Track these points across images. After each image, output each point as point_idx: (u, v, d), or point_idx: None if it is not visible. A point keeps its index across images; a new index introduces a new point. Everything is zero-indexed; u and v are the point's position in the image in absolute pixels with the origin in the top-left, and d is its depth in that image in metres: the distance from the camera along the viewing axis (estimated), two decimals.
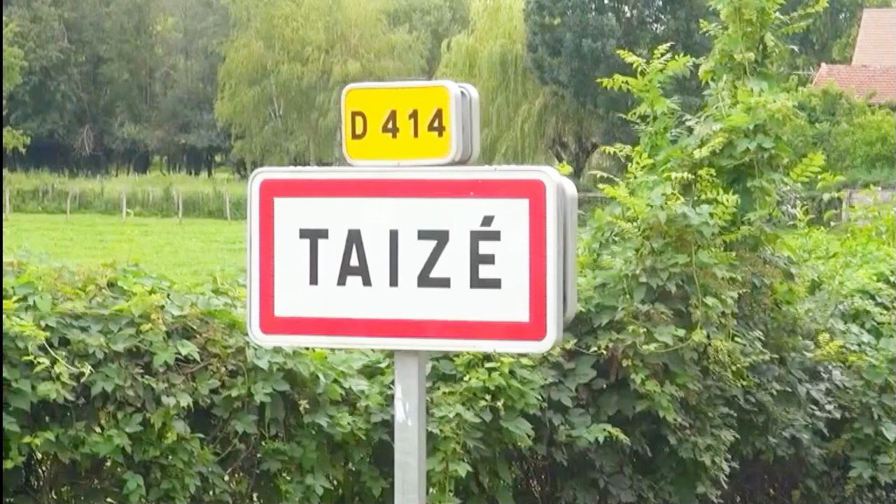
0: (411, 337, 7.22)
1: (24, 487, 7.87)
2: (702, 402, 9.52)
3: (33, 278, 8.05)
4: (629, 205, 9.78)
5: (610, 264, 9.73)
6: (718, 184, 10.02)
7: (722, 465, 9.68)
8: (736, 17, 10.73)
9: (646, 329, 9.32)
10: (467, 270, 7.01)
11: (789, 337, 10.47)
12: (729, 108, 10.37)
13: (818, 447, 10.37)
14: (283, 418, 8.29)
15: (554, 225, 6.62)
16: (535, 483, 9.25)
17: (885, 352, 11.24)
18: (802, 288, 10.96)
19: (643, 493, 9.35)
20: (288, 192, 7.45)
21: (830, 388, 10.53)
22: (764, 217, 10.37)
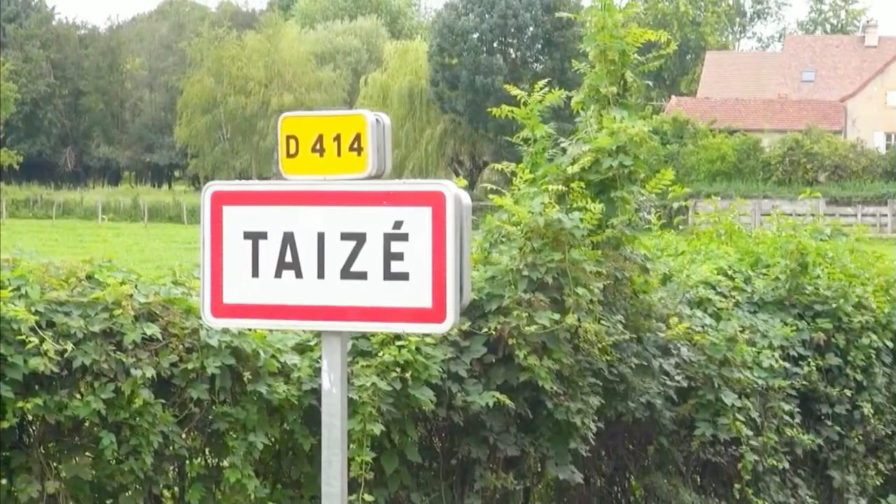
0: (335, 320, 7.65)
1: (18, 444, 8.09)
2: (573, 374, 9.98)
3: (25, 272, 8.35)
4: (514, 212, 10.33)
5: (498, 261, 10.20)
6: (587, 195, 10.56)
7: (590, 425, 10.17)
8: (601, 58, 11.19)
9: (527, 314, 9.81)
10: (381, 266, 7.46)
11: (645, 320, 10.96)
12: (596, 133, 10.87)
13: (669, 410, 10.86)
14: (230, 387, 8.67)
15: (452, 228, 7.12)
16: (437, 440, 9.61)
17: (723, 332, 11.64)
18: (656, 280, 11.47)
19: (525, 448, 9.84)
20: (234, 201, 7.78)
21: (679, 363, 10.99)
22: (624, 222, 10.90)
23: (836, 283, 13.20)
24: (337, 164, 7.70)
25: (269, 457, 8.83)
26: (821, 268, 13.27)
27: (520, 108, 11.24)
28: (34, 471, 8.00)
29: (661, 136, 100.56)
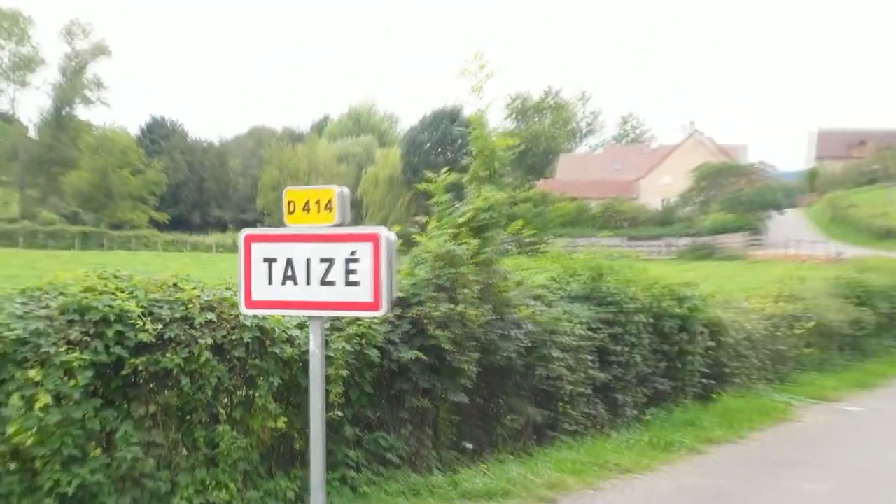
0: (317, 310, 7.96)
1: (133, 384, 7.91)
2: (462, 340, 9.94)
3: (137, 283, 8.26)
4: (427, 245, 10.20)
5: (418, 273, 10.14)
6: (469, 234, 10.46)
7: (472, 370, 10.10)
8: (479, 155, 11.12)
9: (435, 305, 9.73)
10: (343, 277, 7.90)
11: (505, 307, 10.96)
12: (475, 198, 10.75)
13: (520, 360, 10.75)
14: (258, 349, 8.59)
15: (384, 255, 7.65)
16: (382, 379, 9.49)
17: (551, 314, 11.65)
18: (512, 283, 11.44)
19: (434, 384, 9.84)
20: (258, 240, 8.15)
21: (526, 332, 10.97)
22: (493, 250, 10.83)
23: (619, 285, 13.29)
24: (317, 217, 8.08)
25: (282, 390, 8.71)
26: (610, 276, 13.36)
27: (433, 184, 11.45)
28: (142, 399, 7.92)
29: (533, 202, 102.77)
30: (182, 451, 8.25)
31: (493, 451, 10.97)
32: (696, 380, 15.11)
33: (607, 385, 12.89)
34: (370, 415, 9.78)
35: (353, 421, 9.48)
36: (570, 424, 12.13)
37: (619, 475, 10.45)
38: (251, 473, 8.68)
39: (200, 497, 8.08)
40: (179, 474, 8.11)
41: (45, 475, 7.42)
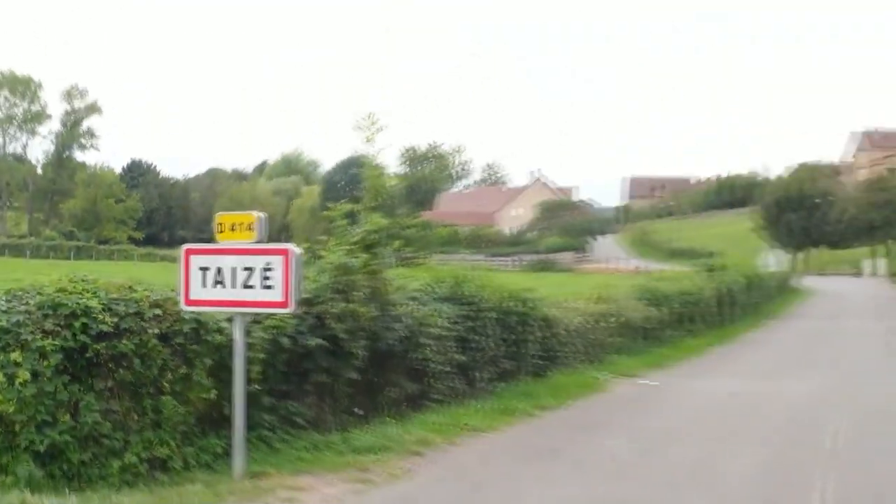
0: (240, 307, 8.31)
1: (96, 363, 7.94)
2: (355, 330, 10.24)
3: (100, 284, 8.37)
4: (328, 258, 10.36)
5: (321, 279, 10.39)
6: (361, 250, 10.63)
7: (362, 354, 10.31)
8: (370, 190, 11.36)
9: (333, 303, 9.95)
10: (261, 282, 8.14)
11: (389, 306, 11.10)
12: (366, 223, 10.96)
13: (399, 346, 11.00)
14: (195, 337, 8.52)
15: (293, 265, 8.00)
16: (293, 362, 9.58)
17: (425, 310, 12.02)
18: (394, 288, 11.53)
19: (333, 364, 10.03)
20: (195, 252, 8.62)
21: (404, 325, 11.17)
22: (378, 262, 10.98)
23: (475, 289, 13.56)
24: (241, 236, 8.31)
25: (213, 369, 8.60)
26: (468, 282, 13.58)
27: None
28: (102, 376, 7.89)
29: (418, 227, 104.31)
30: (133, 417, 8.20)
31: (378, 415, 11.08)
32: (533, 361, 15.47)
33: (465, 365, 13.07)
34: (283, 388, 9.79)
35: (269, 392, 9.47)
36: (437, 395, 12.33)
37: (471, 433, 10.79)
38: (188, 433, 8.67)
39: (147, 452, 8.11)
40: (131, 435, 8.12)
41: (23, 436, 7.54)
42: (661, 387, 16.54)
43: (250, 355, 8.91)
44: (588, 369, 17.28)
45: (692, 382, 17.38)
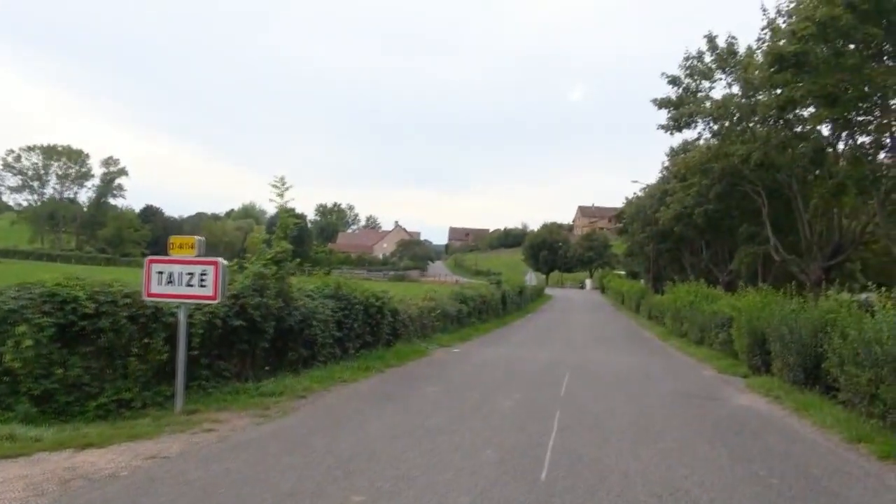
0: (183, 300, 7.47)
1: (80, 335, 7.10)
2: (267, 316, 9.53)
3: (87, 283, 7.40)
4: (250, 268, 9.67)
5: (245, 282, 9.54)
6: (272, 263, 9.95)
7: (270, 331, 9.69)
8: (281, 226, 10.71)
9: (252, 298, 9.31)
10: (199, 283, 7.29)
11: (291, 300, 10.43)
12: (276, 247, 10.28)
13: (297, 326, 10.33)
14: (154, 318, 7.73)
15: (221, 271, 6.93)
16: (225, 335, 8.79)
17: (317, 302, 11.30)
18: (294, 288, 10.88)
19: (252, 339, 9.24)
20: (155, 262, 7.65)
21: (301, 313, 10.54)
22: (285, 272, 10.27)
23: (349, 290, 12.94)
24: (187, 252, 7.50)
25: (167, 339, 7.81)
26: (344, 286, 12.97)
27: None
28: (85, 343, 7.14)
29: (325, 252, 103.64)
30: (107, 372, 7.46)
31: (282, 371, 10.42)
32: (386, 337, 14.87)
33: (341, 339, 12.45)
34: (216, 352, 9.06)
35: (207, 355, 8.73)
36: (322, 358, 11.58)
37: (341, 384, 10.17)
38: (147, 383, 7.94)
39: (116, 396, 7.40)
40: (105, 383, 7.37)
41: (24, 384, 6.82)
42: (462, 353, 16.24)
43: (192, 331, 8.34)
44: (421, 342, 16.84)
45: (482, 349, 17.16)
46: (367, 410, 8.04)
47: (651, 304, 33.43)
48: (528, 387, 10.64)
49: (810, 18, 15.49)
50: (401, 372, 12.09)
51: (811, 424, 8.04)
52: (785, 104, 19.74)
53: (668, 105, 25.17)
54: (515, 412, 8.18)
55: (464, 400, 8.99)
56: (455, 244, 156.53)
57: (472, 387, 10.40)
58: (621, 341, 22.22)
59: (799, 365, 10.38)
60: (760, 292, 14.63)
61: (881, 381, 7.42)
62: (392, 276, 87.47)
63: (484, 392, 9.80)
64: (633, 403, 9.14)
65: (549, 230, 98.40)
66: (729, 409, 9.12)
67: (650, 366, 14.62)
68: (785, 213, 28.40)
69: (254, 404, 8.20)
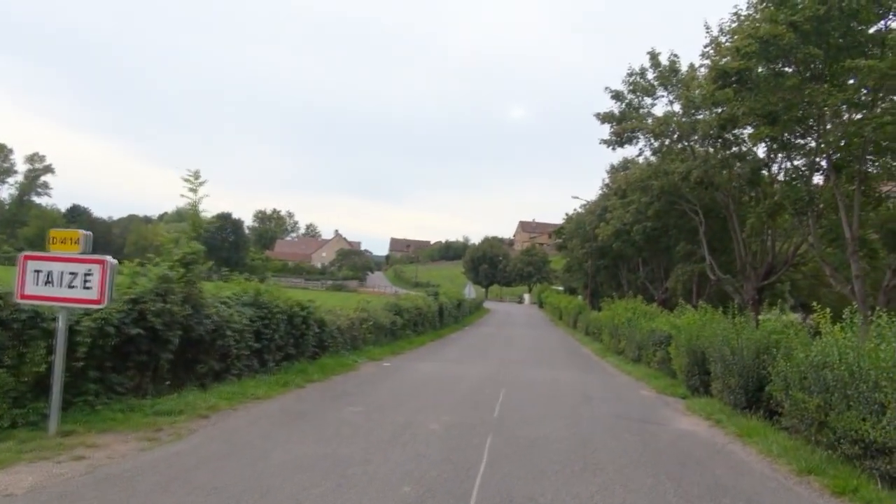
0: (65, 303, 6.57)
1: None
2: (171, 323, 8.47)
3: None
4: (154, 270, 8.65)
5: (147, 285, 8.50)
6: (180, 266, 8.97)
7: (176, 341, 8.58)
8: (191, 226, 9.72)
9: (153, 303, 8.31)
10: (83, 284, 6.42)
11: (201, 307, 9.45)
12: (185, 247, 9.25)
13: (208, 336, 9.25)
14: (32, 323, 6.68)
15: (108, 272, 6.31)
16: (120, 344, 7.73)
17: (234, 309, 10.21)
18: (206, 294, 9.83)
19: (152, 348, 8.24)
20: (31, 258, 6.49)
21: (213, 321, 9.48)
22: (194, 276, 9.30)
23: (270, 298, 11.96)
24: (69, 248, 6.50)
25: (49, 348, 6.83)
26: (265, 293, 11.97)
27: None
28: None
29: (262, 259, 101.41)
30: None
31: (190, 385, 9.38)
32: (312, 349, 13.90)
33: (260, 350, 11.47)
34: (109, 363, 7.98)
35: (97, 367, 7.64)
36: (237, 371, 10.58)
37: (252, 401, 9.10)
38: (19, 398, 6.83)
39: None
40: None
41: None
42: (393, 367, 15.32)
43: (79, 339, 7.23)
44: (350, 355, 15.87)
45: (414, 364, 16.29)
46: (274, 434, 7.06)
47: (589, 320, 33.32)
48: (460, 407, 9.82)
49: (753, 36, 15.52)
50: (322, 388, 11.07)
51: (757, 453, 7.57)
52: (725, 123, 19.84)
53: (610, 120, 25.12)
54: (442, 438, 7.33)
55: (386, 422, 8.09)
56: (396, 255, 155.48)
57: (398, 406, 9.50)
58: (559, 358, 21.76)
59: (740, 387, 10.01)
60: (700, 310, 14.38)
61: (831, 408, 7.03)
62: (330, 285, 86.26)
63: (410, 413, 8.93)
64: (571, 428, 8.46)
65: (489, 244, 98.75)
66: (671, 435, 8.58)
67: (588, 384, 14.10)
68: (720, 233, 28.83)
69: (145, 425, 7.16)
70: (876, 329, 6.67)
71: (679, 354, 13.94)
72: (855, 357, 6.67)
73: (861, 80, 14.69)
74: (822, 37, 15.39)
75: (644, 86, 24.89)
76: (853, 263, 16.40)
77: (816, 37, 15.35)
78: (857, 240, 16.67)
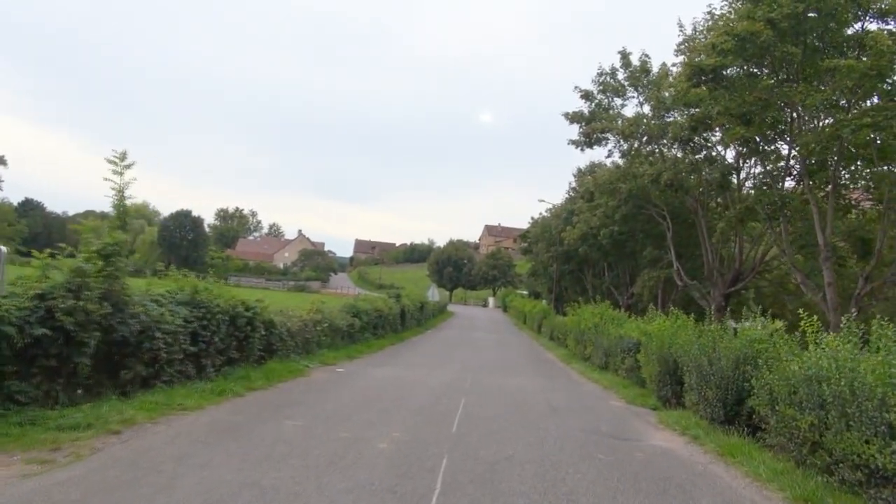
0: None
1: None
2: (86, 323, 7.29)
3: None
4: (66, 262, 7.53)
5: (57, 278, 7.34)
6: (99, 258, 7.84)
7: (93, 342, 7.46)
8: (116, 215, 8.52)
9: (64, 300, 7.05)
10: None
11: (126, 305, 8.28)
12: (106, 237, 8.12)
13: (133, 338, 8.14)
14: None
15: None
16: (30, 343, 6.64)
17: (157, 311, 9.01)
18: (132, 290, 8.70)
19: (63, 351, 7.03)
20: None
21: (139, 321, 8.33)
22: (117, 269, 8.17)
23: (209, 297, 10.83)
24: None
25: None
26: (204, 291, 10.85)
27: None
28: None
29: (223, 258, 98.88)
30: None
31: (113, 392, 8.28)
32: (257, 352, 12.77)
33: (196, 353, 10.35)
34: (12, 368, 6.89)
35: None
36: (167, 378, 9.45)
37: (178, 412, 7.98)
38: None
39: None
40: None
41: None
42: (347, 373, 14.25)
43: None
44: (301, 359, 14.79)
45: (370, 370, 15.26)
46: (192, 455, 5.98)
47: (553, 325, 32.67)
48: (414, 420, 8.82)
49: (730, 33, 14.97)
50: (264, 397, 9.97)
51: (743, 476, 6.77)
52: (697, 124, 19.34)
53: (579, 120, 24.51)
54: (391, 459, 6.35)
55: (328, 440, 7.05)
56: (360, 257, 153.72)
57: (345, 419, 8.46)
58: (523, 364, 20.94)
59: (718, 400, 9.26)
60: (671, 316, 13.71)
61: (826, 427, 6.28)
62: (292, 286, 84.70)
63: (358, 427, 7.92)
64: (538, 447, 7.55)
65: (455, 247, 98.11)
66: (646, 454, 7.75)
67: (554, 394, 13.27)
68: (687, 239, 28.49)
69: (42, 442, 6.05)
70: (881, 340, 5.91)
71: (649, 362, 13.24)
72: (855, 371, 5.93)
73: (839, 81, 14.22)
74: (800, 36, 14.93)
75: (614, 86, 24.34)
76: (825, 270, 15.98)
77: (794, 36, 14.88)
78: (830, 246, 16.24)
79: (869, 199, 19.44)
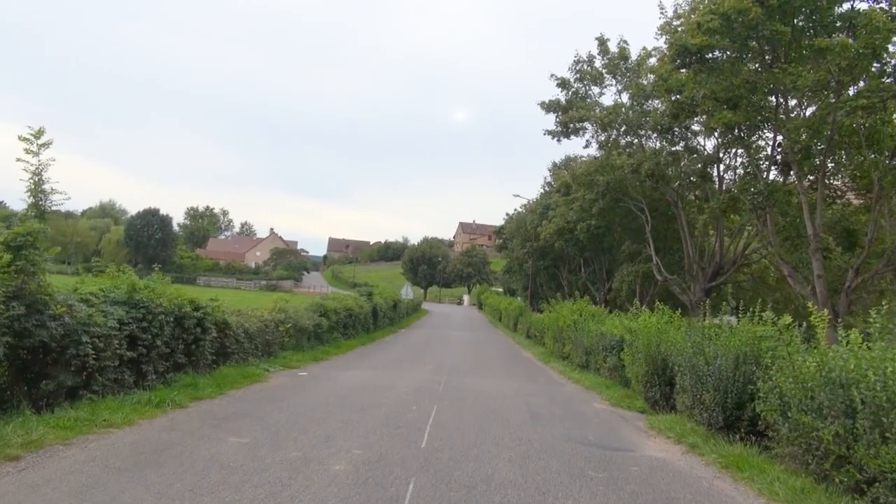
0: None
1: None
2: None
3: None
4: None
5: None
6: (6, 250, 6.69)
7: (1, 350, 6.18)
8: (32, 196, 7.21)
9: None
10: None
11: (44, 306, 7.10)
12: (17, 226, 6.97)
13: (55, 343, 6.99)
14: None
15: None
16: None
17: (86, 311, 7.87)
18: (56, 288, 7.54)
19: None
20: None
21: (62, 324, 7.19)
22: (30, 263, 7.00)
23: (149, 296, 9.68)
24: None
25: None
26: (144, 290, 9.71)
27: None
28: None
29: (191, 258, 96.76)
30: None
31: (28, 408, 7.11)
32: (208, 357, 11.62)
33: (135, 359, 9.20)
34: None
35: None
36: (98, 387, 8.27)
37: (100, 430, 6.80)
38: None
39: None
40: None
41: None
42: (310, 377, 13.15)
43: None
44: (260, 363, 13.68)
45: (336, 373, 14.17)
46: (97, 489, 4.82)
47: (530, 323, 31.85)
48: (379, 433, 7.75)
49: (716, 12, 14.19)
50: (209, 408, 8.81)
51: (756, 495, 5.86)
52: (678, 112, 18.58)
53: (556, 108, 23.63)
54: (345, 488, 5.25)
55: (274, 462, 5.94)
56: (334, 255, 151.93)
57: (299, 434, 7.35)
58: (500, 364, 20.02)
59: (717, 404, 8.37)
60: (658, 312, 12.88)
61: (856, 439, 5.41)
62: (264, 285, 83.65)
63: (313, 443, 6.82)
64: (520, 464, 6.55)
65: (429, 245, 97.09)
66: (641, 468, 6.81)
67: (534, 397, 12.32)
68: (665, 233, 27.85)
69: None
70: None
71: (635, 362, 12.38)
72: (894, 373, 5.05)
73: (831, 60, 13.52)
74: (788, 16, 14.21)
75: (592, 74, 23.51)
76: (815, 262, 15.32)
77: (782, 15, 14.15)
78: (819, 236, 15.59)
79: (853, 188, 18.89)
